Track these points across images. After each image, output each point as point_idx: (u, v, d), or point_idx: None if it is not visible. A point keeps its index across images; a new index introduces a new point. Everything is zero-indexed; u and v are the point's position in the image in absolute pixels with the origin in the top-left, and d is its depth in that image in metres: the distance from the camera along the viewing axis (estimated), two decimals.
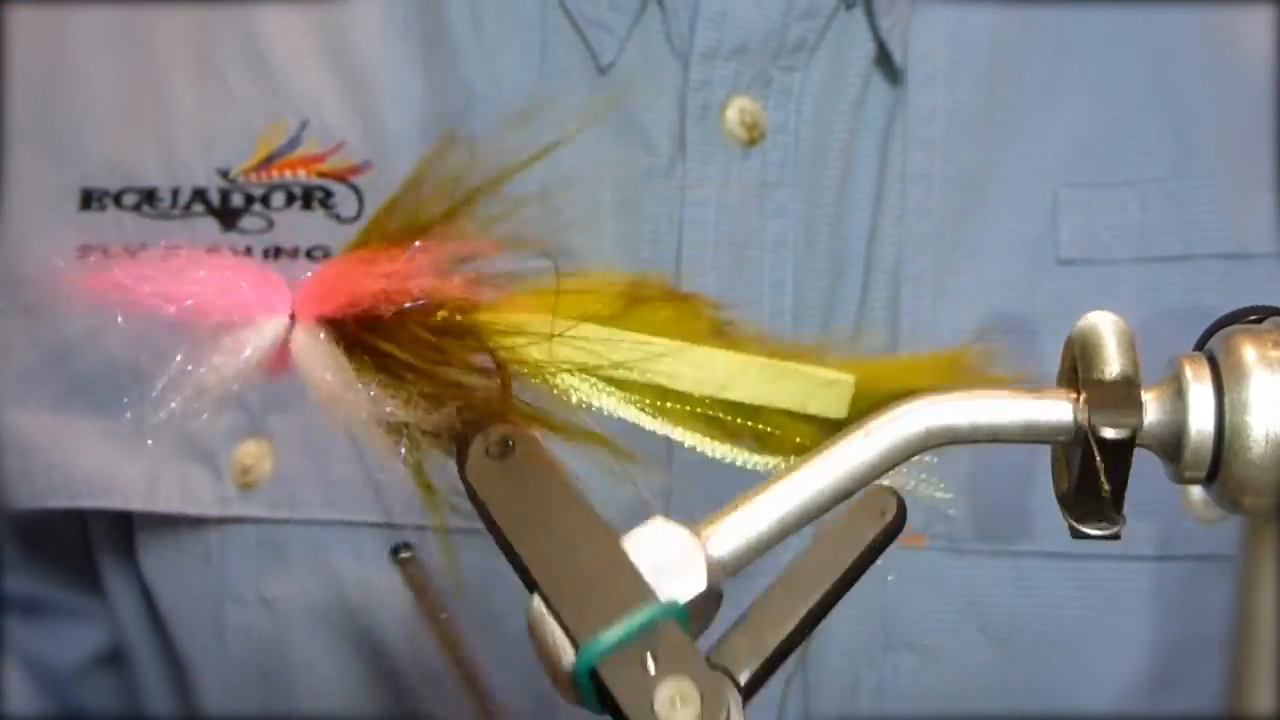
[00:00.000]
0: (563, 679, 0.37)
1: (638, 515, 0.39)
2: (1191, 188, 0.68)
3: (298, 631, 0.70)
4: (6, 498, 0.70)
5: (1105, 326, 0.40)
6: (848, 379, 0.41)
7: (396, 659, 0.69)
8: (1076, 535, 0.40)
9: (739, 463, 0.43)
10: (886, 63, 0.69)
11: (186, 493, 0.69)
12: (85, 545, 0.75)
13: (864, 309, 0.68)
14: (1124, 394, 0.39)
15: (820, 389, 0.42)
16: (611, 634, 0.36)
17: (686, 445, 0.43)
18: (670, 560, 0.38)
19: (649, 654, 0.36)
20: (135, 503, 0.69)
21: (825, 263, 0.68)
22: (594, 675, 0.36)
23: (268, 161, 0.69)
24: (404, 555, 0.66)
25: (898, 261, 0.68)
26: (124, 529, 0.72)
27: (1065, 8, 0.70)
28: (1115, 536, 0.40)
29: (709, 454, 0.44)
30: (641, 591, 0.37)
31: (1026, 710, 0.68)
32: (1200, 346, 0.42)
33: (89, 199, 0.70)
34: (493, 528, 0.38)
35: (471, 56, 0.69)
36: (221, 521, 0.69)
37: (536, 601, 0.37)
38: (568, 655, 0.37)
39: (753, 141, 0.68)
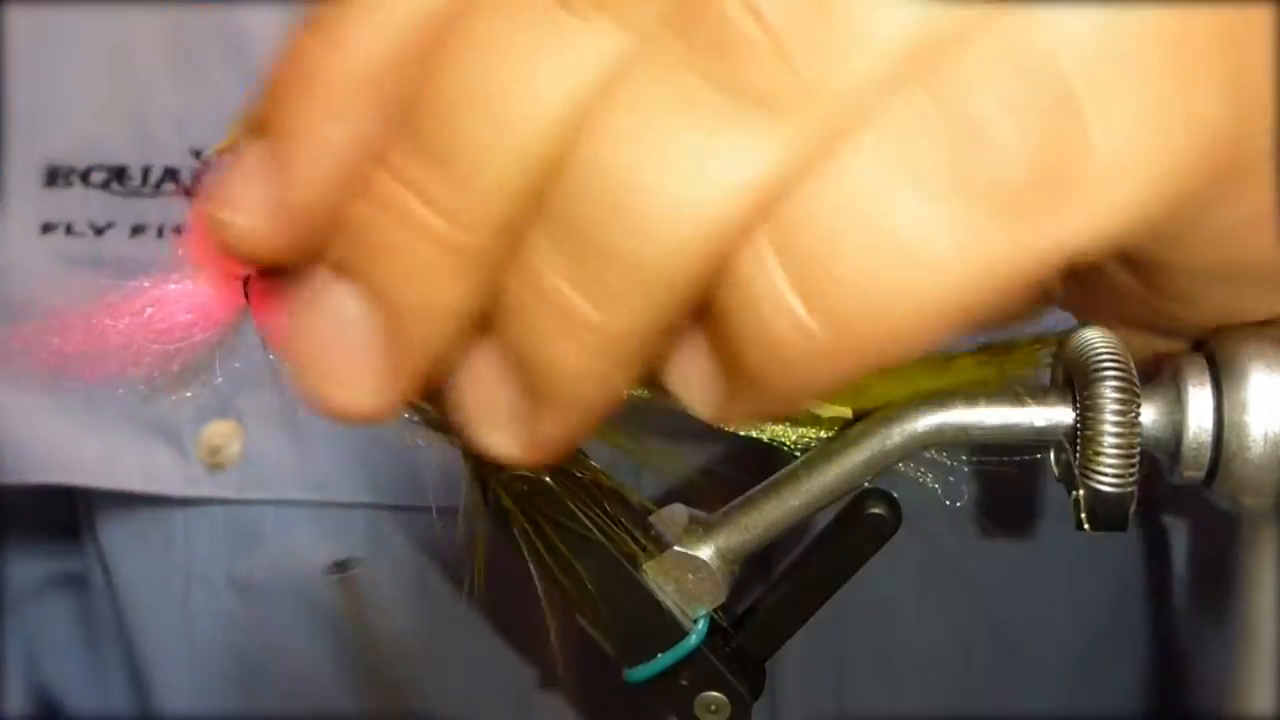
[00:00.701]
0: None
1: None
2: None
3: (271, 617, 0.69)
4: None
5: (1098, 340, 0.40)
6: (845, 412, 0.41)
7: (373, 643, 0.68)
8: (1082, 528, 0.40)
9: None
10: None
11: (150, 472, 0.68)
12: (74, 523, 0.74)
13: None
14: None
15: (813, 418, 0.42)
16: (650, 668, 0.42)
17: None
18: (688, 583, 0.42)
19: (683, 673, 0.42)
20: (92, 480, 0.68)
21: None
22: None
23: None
24: (342, 574, 0.63)
25: None
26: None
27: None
28: (1122, 529, 0.40)
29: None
30: (671, 628, 0.42)
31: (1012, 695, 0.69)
32: (1199, 345, 0.42)
33: (54, 176, 0.69)
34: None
35: None
36: (187, 503, 0.68)
37: None
38: None
39: None
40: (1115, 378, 0.39)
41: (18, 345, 0.39)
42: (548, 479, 0.41)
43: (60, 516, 0.74)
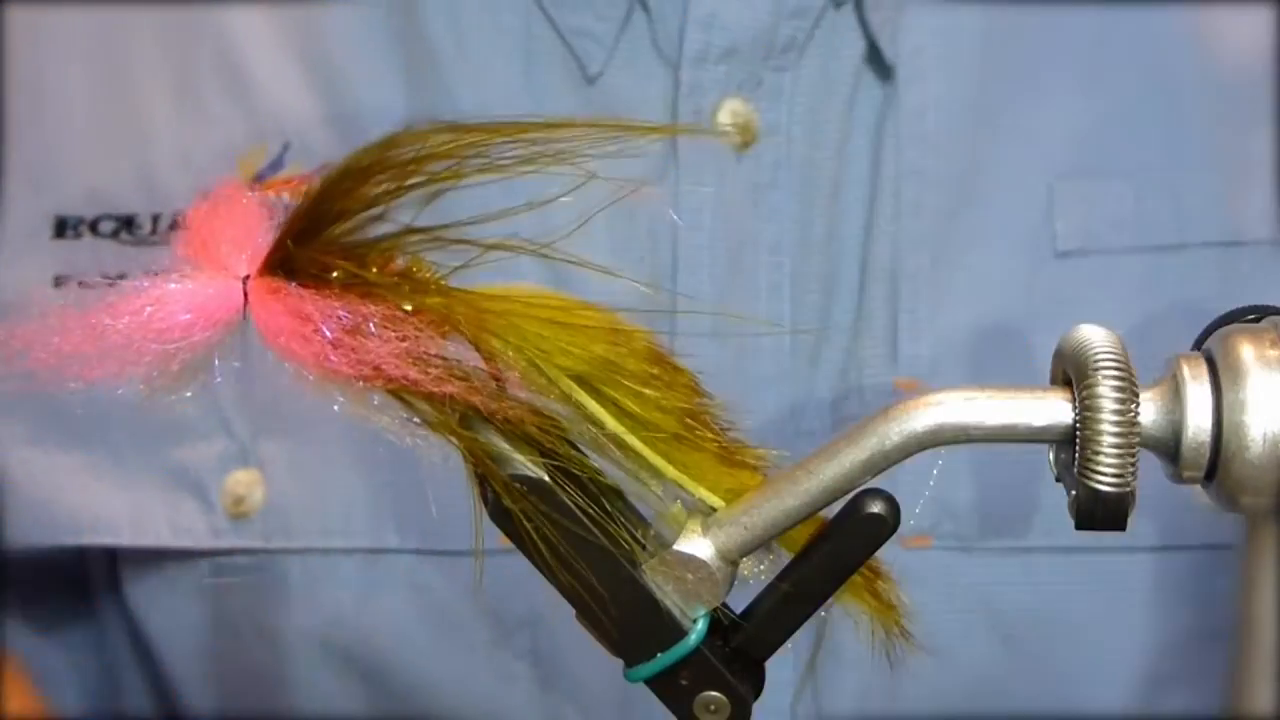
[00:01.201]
0: None
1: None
2: (1186, 177, 0.68)
3: (298, 662, 0.69)
4: None
5: (1097, 339, 0.40)
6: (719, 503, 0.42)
7: (400, 686, 0.69)
8: (1081, 528, 0.40)
9: None
10: (877, 60, 0.68)
11: (176, 525, 0.68)
12: (83, 579, 0.74)
13: (862, 310, 0.67)
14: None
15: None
16: (650, 667, 0.43)
17: None
18: (687, 583, 0.42)
19: (683, 673, 0.43)
20: (123, 538, 0.68)
21: (820, 265, 0.68)
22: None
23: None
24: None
25: (894, 260, 0.67)
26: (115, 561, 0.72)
27: (1055, 8, 0.69)
28: (1120, 528, 0.40)
29: None
30: (671, 628, 0.42)
31: (1037, 707, 0.68)
32: (1198, 346, 0.42)
33: (63, 227, 0.69)
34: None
35: (455, 69, 0.68)
36: (214, 553, 0.69)
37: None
38: None
39: (746, 144, 0.68)
40: (1114, 376, 0.39)
41: (18, 345, 0.39)
42: (548, 479, 0.41)
43: (66, 576, 0.74)
